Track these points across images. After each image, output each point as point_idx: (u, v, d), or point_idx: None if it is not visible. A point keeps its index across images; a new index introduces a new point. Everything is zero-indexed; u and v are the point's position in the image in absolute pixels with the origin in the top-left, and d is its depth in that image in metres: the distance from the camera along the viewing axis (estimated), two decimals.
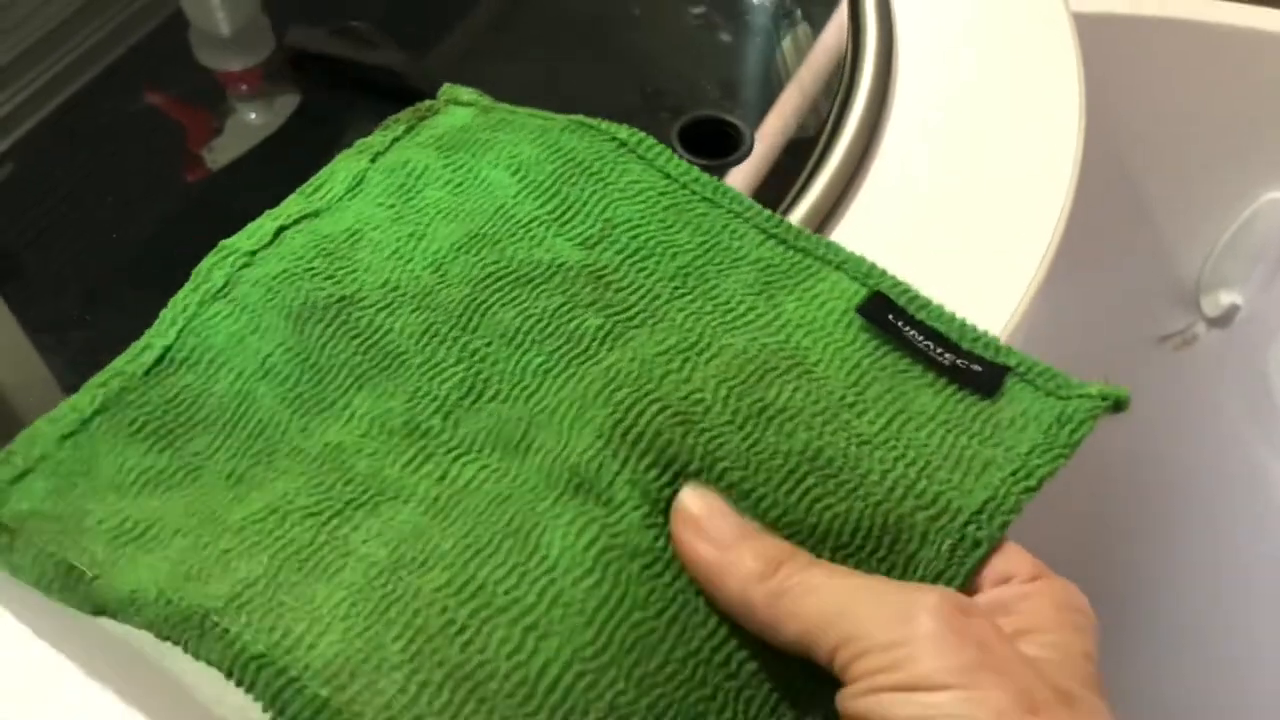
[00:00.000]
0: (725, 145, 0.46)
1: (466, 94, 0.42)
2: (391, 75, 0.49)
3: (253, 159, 0.48)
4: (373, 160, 0.40)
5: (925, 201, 0.45)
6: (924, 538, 0.29)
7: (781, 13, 0.55)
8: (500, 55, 0.53)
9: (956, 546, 0.29)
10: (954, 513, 0.29)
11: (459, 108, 0.42)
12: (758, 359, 0.32)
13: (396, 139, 0.40)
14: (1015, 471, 0.30)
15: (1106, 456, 0.31)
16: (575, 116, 0.40)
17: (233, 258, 0.37)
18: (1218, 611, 0.87)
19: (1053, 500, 0.32)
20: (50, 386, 0.41)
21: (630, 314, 0.34)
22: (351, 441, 0.32)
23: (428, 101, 0.42)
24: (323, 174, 0.40)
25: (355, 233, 0.37)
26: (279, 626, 0.27)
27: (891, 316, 0.34)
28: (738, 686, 0.28)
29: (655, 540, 0.29)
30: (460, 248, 0.36)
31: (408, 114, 0.41)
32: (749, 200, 0.38)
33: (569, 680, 0.27)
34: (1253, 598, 0.85)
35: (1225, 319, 0.79)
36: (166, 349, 0.35)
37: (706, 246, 0.36)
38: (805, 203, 0.44)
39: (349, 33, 0.51)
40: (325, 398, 0.34)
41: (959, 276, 0.43)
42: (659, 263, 0.35)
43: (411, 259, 0.36)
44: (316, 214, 0.38)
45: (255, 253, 0.37)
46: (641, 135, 0.39)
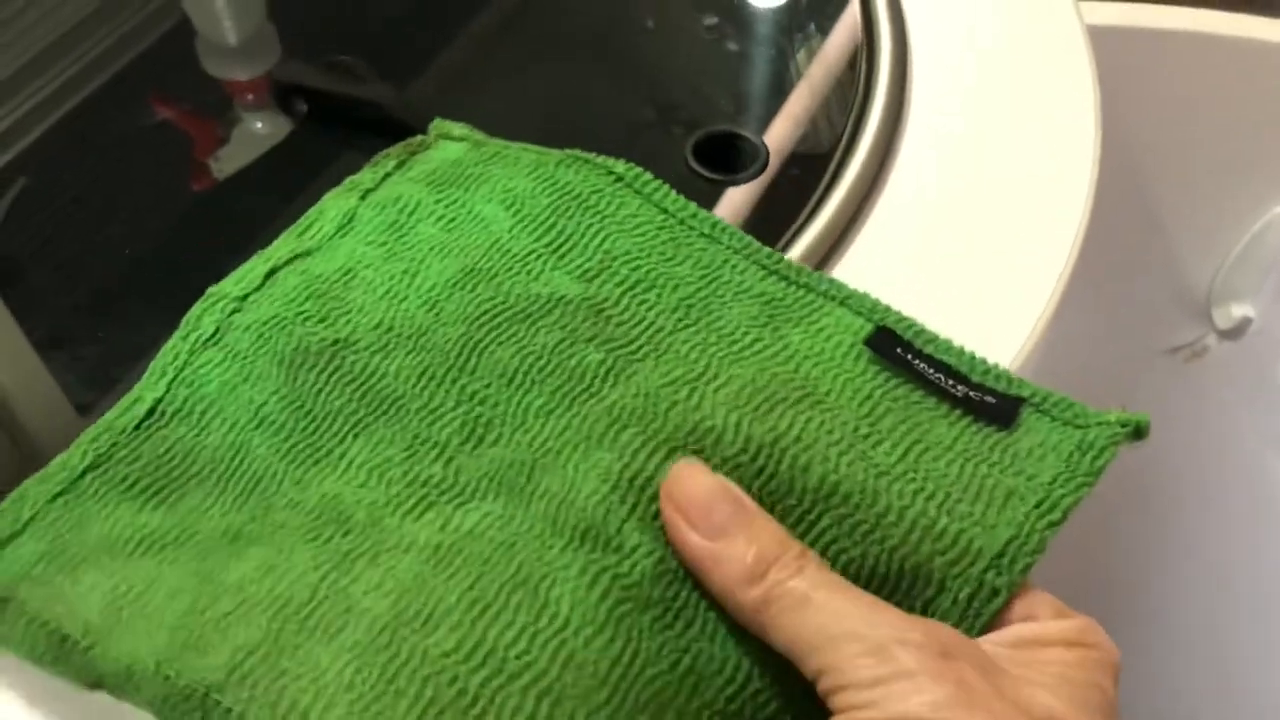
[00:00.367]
0: (739, 159, 0.45)
1: (458, 129, 0.41)
2: (378, 109, 0.48)
3: (259, 168, 0.48)
4: (362, 197, 0.38)
5: (941, 217, 0.45)
6: (941, 585, 0.29)
7: (795, 25, 0.54)
8: (510, 70, 0.52)
9: (975, 595, 0.28)
10: (974, 556, 0.29)
11: (450, 142, 0.41)
12: (768, 389, 0.31)
13: (387, 175, 0.39)
14: (1039, 503, 0.29)
15: (1115, 468, 0.31)
16: (570, 150, 0.39)
17: (222, 303, 0.36)
18: (1227, 622, 0.87)
19: None
20: (54, 394, 0.40)
21: (632, 347, 0.33)
22: (349, 492, 0.31)
23: (419, 137, 0.41)
24: (312, 213, 0.38)
25: (348, 271, 0.36)
26: (283, 700, 0.26)
27: (900, 350, 0.33)
28: None
29: (668, 589, 0.28)
30: (455, 284, 0.35)
31: (398, 149, 0.40)
32: (748, 237, 0.37)
33: None
34: (1262, 608, 0.84)
35: (1237, 331, 0.78)
36: (157, 401, 0.34)
37: (708, 279, 0.35)
38: (820, 219, 0.44)
39: (338, 67, 0.50)
40: (321, 446, 0.33)
41: (977, 291, 0.42)
42: (660, 295, 0.35)
43: (406, 297, 0.35)
44: (308, 253, 0.37)
45: (245, 297, 0.36)
46: (638, 170, 0.38)
